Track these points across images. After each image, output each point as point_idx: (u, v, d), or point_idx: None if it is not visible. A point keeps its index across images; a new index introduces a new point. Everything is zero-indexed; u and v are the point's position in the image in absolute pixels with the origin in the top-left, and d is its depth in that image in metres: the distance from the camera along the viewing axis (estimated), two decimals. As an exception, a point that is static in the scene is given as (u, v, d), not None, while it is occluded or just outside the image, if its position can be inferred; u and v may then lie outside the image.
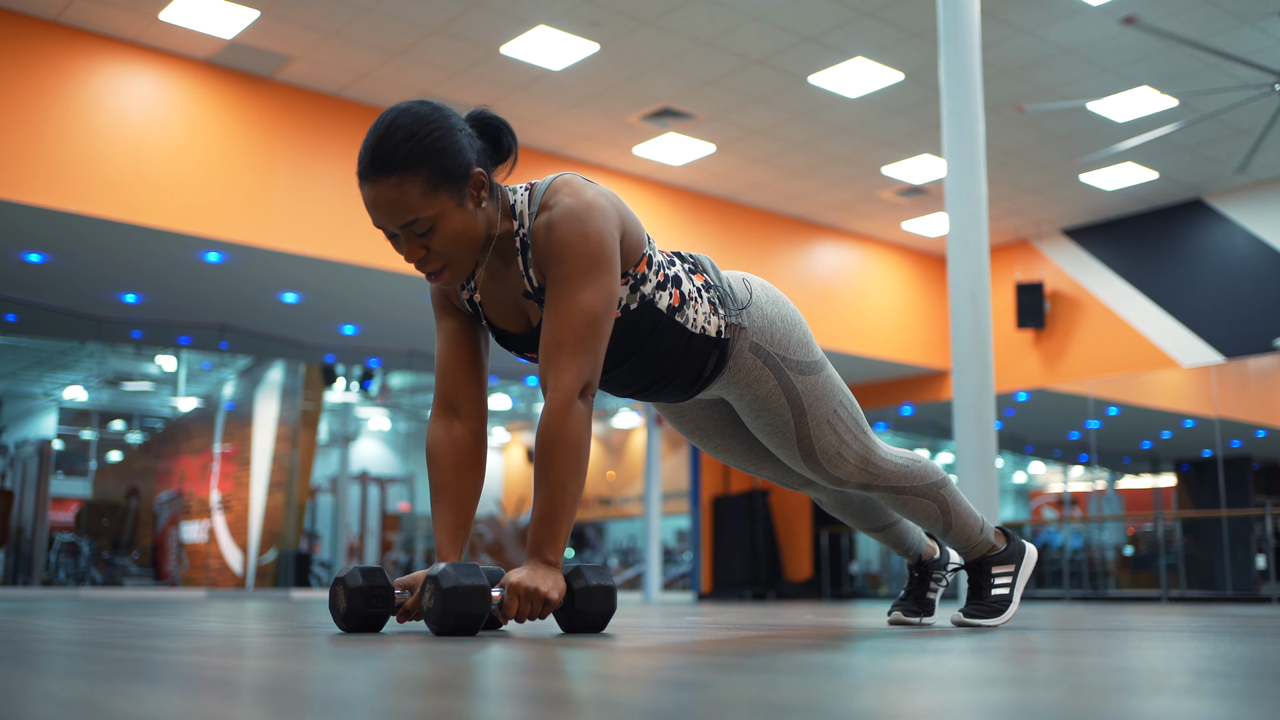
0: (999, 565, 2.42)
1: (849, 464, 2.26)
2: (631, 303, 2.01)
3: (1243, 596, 9.60)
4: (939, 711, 0.86)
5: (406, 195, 1.87)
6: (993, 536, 2.44)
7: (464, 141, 1.93)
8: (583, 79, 8.02)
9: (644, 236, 2.04)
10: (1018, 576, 2.42)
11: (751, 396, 2.19)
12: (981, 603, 2.40)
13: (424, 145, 1.88)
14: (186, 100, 7.69)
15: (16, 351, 11.34)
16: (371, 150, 1.89)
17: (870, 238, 11.45)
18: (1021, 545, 2.46)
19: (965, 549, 2.43)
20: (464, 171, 1.91)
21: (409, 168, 1.87)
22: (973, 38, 6.09)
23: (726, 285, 2.15)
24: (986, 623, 2.36)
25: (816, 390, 2.20)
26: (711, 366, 2.12)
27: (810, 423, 2.20)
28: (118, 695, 0.95)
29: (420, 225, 1.89)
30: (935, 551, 2.67)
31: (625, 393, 2.20)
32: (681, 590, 13.33)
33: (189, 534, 11.78)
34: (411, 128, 1.88)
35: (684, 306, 2.06)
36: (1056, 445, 12.78)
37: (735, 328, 2.12)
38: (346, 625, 1.97)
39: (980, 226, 5.90)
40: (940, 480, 2.38)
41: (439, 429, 2.09)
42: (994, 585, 2.41)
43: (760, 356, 2.15)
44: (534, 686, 1.06)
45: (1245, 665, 1.29)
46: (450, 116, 1.94)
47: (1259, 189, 9.97)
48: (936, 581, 2.65)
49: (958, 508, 2.39)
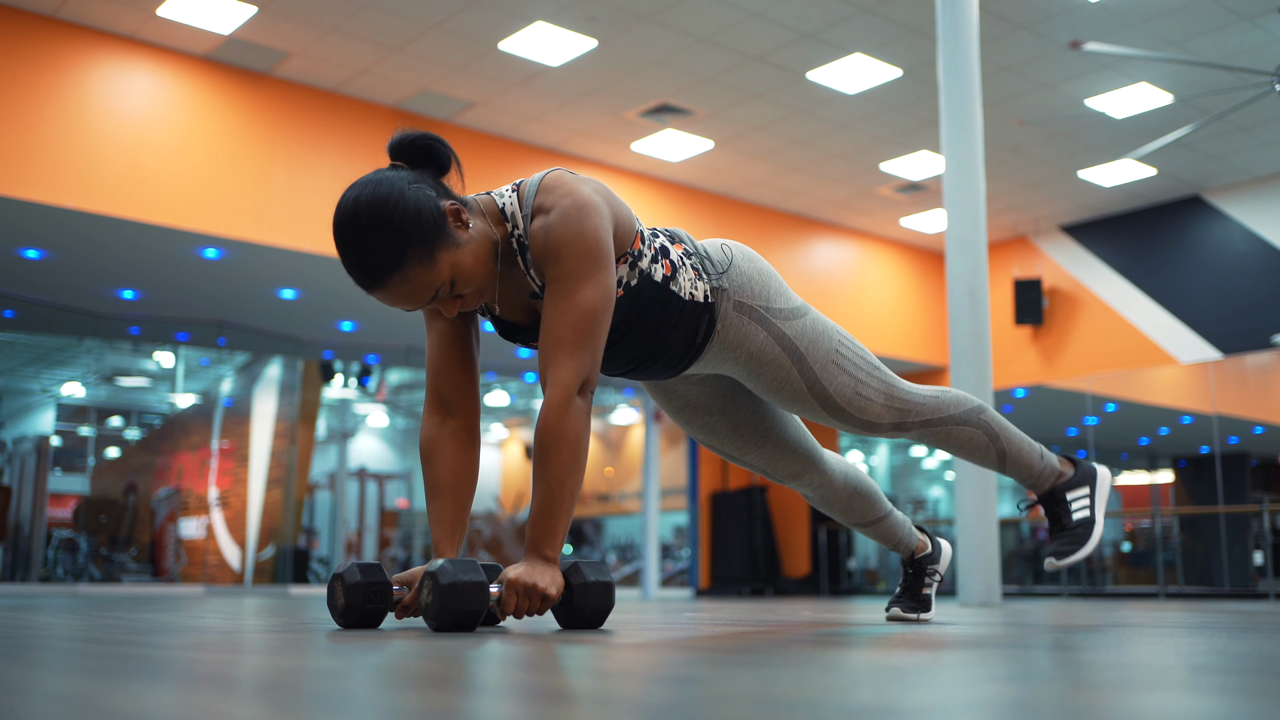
0: (1072, 489, 2.36)
1: (874, 404, 2.23)
2: (632, 279, 2.03)
3: (1240, 592, 9.61)
4: (937, 707, 0.86)
5: (414, 282, 1.88)
6: (1057, 464, 2.39)
7: (418, 195, 1.89)
8: (581, 75, 8.02)
9: (633, 217, 2.07)
10: (1095, 497, 2.36)
11: (746, 356, 2.18)
12: (1065, 533, 2.34)
13: (396, 233, 1.85)
14: (184, 96, 7.68)
15: (14, 348, 11.33)
16: (358, 266, 1.87)
17: (869, 234, 11.45)
18: (1092, 468, 2.40)
19: (1030, 479, 2.38)
20: (439, 221, 1.89)
21: (399, 263, 1.86)
22: (971, 34, 6.09)
23: (704, 252, 2.17)
24: (1079, 554, 2.31)
25: (808, 333, 2.19)
26: (703, 333, 2.12)
27: (814, 366, 2.18)
28: (116, 691, 0.95)
29: (444, 290, 1.91)
30: (927, 546, 2.64)
31: (618, 370, 2.18)
32: (679, 586, 13.33)
33: (187, 530, 11.77)
34: (375, 224, 1.85)
35: (676, 275, 2.08)
36: (1054, 441, 12.78)
37: (719, 291, 2.13)
38: (344, 621, 1.97)
39: (978, 223, 5.90)
40: (977, 405, 2.34)
41: (432, 426, 2.09)
42: (1073, 511, 2.35)
43: (744, 313, 2.15)
44: (532, 682, 1.06)
45: (1242, 661, 1.29)
46: (392, 181, 1.89)
47: (1257, 185, 9.97)
48: (930, 576, 2.62)
49: (1006, 433, 2.35)
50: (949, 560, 2.66)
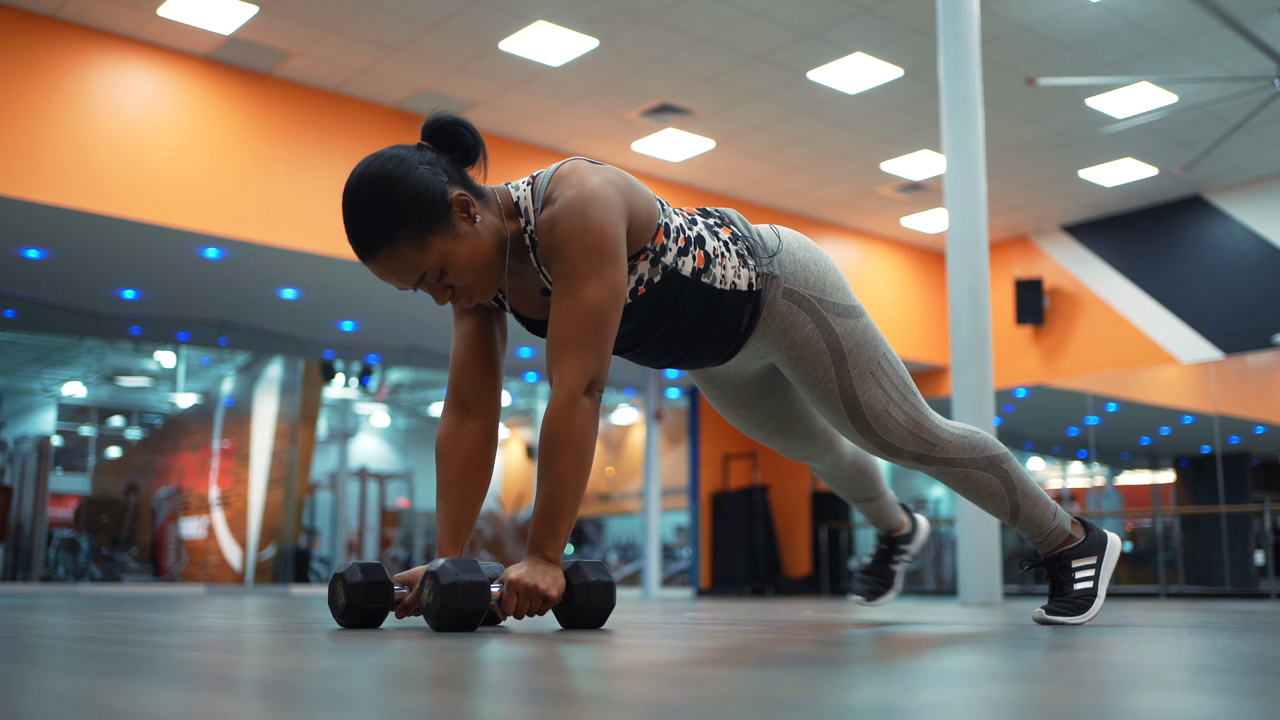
0: (1079, 558, 2.27)
1: (900, 428, 2.17)
2: (654, 275, 1.98)
3: (1241, 592, 9.61)
4: (938, 707, 0.86)
5: (402, 260, 1.87)
6: (1068, 526, 2.30)
7: (426, 177, 1.88)
8: (582, 75, 8.02)
9: (655, 208, 2.00)
10: (1101, 569, 2.26)
11: (789, 344, 2.13)
12: (1064, 599, 2.25)
13: (390, 207, 1.84)
14: (185, 96, 7.68)
15: (15, 347, 11.33)
16: (352, 235, 1.88)
17: (869, 234, 11.45)
18: (1103, 535, 2.31)
19: (1039, 538, 2.29)
20: (441, 205, 1.88)
21: (390, 237, 1.85)
22: (972, 33, 6.09)
23: (756, 235, 2.12)
24: (1071, 620, 2.22)
25: (856, 336, 2.14)
26: (746, 320, 2.08)
27: (852, 370, 2.13)
28: (117, 690, 0.95)
29: (431, 274, 1.90)
30: (905, 526, 2.76)
31: (664, 363, 2.16)
32: (680, 586, 13.33)
33: (188, 530, 11.77)
34: (373, 198, 1.85)
35: (710, 266, 2.02)
36: (1055, 441, 12.77)
37: (767, 277, 2.08)
38: (345, 621, 1.97)
39: (979, 222, 5.90)
40: (1001, 455, 2.27)
41: (450, 425, 2.08)
42: (1075, 580, 2.26)
43: (794, 301, 2.10)
44: (533, 682, 1.06)
45: (1244, 661, 1.29)
46: (404, 159, 1.88)
47: (1258, 185, 9.97)
48: (900, 554, 2.76)
49: (1024, 487, 2.28)
50: (925, 539, 2.76)
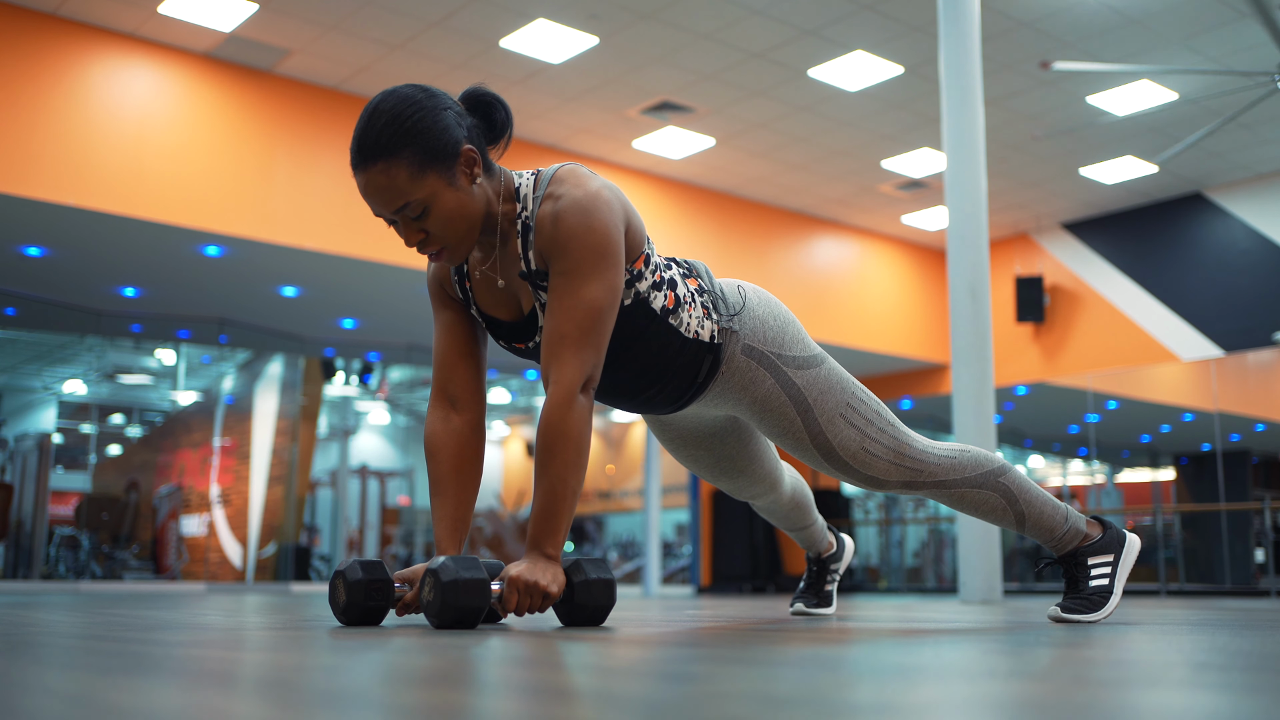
0: (1095, 555, 2.25)
1: (881, 460, 2.16)
2: (627, 299, 2.00)
3: (1241, 590, 9.61)
4: (938, 704, 0.86)
5: (394, 180, 1.87)
6: (1083, 526, 2.28)
7: (450, 120, 1.90)
8: (582, 72, 8.01)
9: (644, 232, 2.04)
10: (1118, 566, 2.25)
11: (750, 399, 2.16)
12: (1079, 596, 2.23)
13: (406, 128, 1.86)
14: (185, 94, 7.68)
15: (16, 345, 11.34)
16: (358, 139, 1.89)
17: (870, 231, 11.44)
18: (1120, 533, 2.29)
19: (1052, 541, 2.27)
20: (451, 150, 1.89)
21: (393, 152, 1.86)
22: (973, 30, 6.09)
23: (719, 291, 2.13)
24: (1085, 618, 2.21)
25: (819, 384, 2.15)
26: (705, 371, 2.10)
27: (820, 418, 2.13)
28: (118, 688, 0.95)
29: (413, 209, 1.89)
30: (833, 547, 2.84)
31: (619, 402, 2.17)
32: (681, 584, 13.33)
33: (189, 528, 11.78)
34: (394, 112, 1.87)
35: (678, 309, 2.04)
36: (1056, 439, 12.78)
37: (728, 332, 2.10)
38: (346, 618, 1.97)
39: (980, 220, 5.90)
40: (997, 467, 2.25)
41: (437, 421, 2.08)
42: (1091, 577, 2.24)
43: (754, 357, 2.12)
44: (533, 679, 1.06)
45: (1244, 658, 1.29)
46: (436, 96, 1.92)
47: (1259, 183, 9.97)
48: (833, 573, 2.84)
49: (1027, 496, 2.25)
50: (850, 558, 2.88)
